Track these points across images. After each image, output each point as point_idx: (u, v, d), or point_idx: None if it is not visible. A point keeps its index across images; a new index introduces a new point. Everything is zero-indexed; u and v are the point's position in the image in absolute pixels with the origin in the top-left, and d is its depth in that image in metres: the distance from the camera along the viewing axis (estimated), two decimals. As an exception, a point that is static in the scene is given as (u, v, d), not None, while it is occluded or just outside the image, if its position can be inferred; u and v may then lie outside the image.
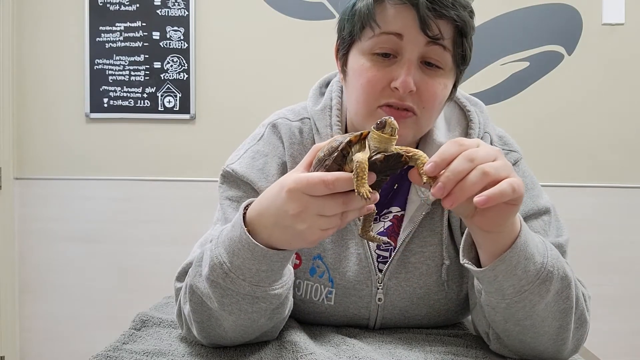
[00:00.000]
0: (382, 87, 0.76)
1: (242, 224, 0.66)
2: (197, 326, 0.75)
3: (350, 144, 0.59)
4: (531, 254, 0.67)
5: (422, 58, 0.76)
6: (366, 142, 0.59)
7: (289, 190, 0.60)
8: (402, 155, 0.58)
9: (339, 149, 0.59)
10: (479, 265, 0.70)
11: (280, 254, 0.66)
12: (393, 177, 0.88)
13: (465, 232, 0.71)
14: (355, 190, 0.56)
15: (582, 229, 2.21)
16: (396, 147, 0.58)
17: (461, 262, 0.71)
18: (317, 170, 0.61)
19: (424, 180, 0.58)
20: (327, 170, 0.59)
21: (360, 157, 0.56)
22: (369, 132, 0.59)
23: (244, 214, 0.67)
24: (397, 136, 0.58)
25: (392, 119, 0.57)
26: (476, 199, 0.58)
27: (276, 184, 0.63)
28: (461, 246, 0.72)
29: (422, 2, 0.72)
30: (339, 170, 0.59)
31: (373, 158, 0.57)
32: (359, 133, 0.59)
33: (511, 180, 0.59)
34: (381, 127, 0.57)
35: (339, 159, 0.59)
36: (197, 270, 0.72)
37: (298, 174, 0.61)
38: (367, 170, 0.56)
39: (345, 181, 0.57)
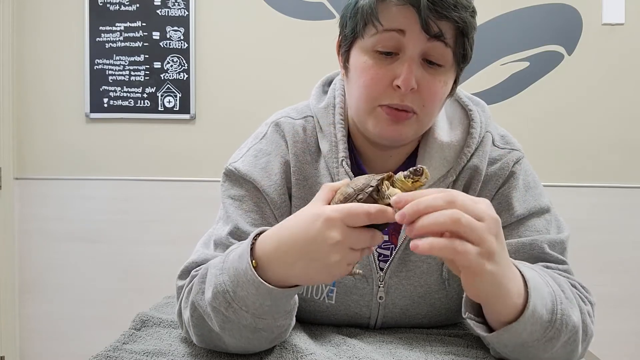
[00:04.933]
0: (384, 85, 0.76)
1: (249, 259, 0.64)
2: (197, 338, 0.75)
3: (382, 180, 0.61)
4: (539, 316, 0.65)
5: (424, 55, 0.76)
6: (393, 182, 0.62)
7: (328, 218, 0.59)
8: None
9: (372, 185, 0.61)
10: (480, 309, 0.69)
11: (286, 291, 0.64)
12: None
13: None
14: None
15: (582, 229, 2.21)
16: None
17: (463, 316, 0.70)
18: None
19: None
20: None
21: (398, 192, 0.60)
22: (391, 176, 0.62)
23: (252, 245, 0.65)
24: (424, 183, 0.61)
25: (427, 169, 0.60)
26: (411, 243, 0.57)
27: (307, 215, 0.62)
28: (463, 300, 0.71)
29: (424, 3, 0.71)
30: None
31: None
32: (386, 175, 0.62)
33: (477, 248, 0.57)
34: (419, 174, 0.60)
35: (375, 194, 0.61)
36: (201, 288, 0.71)
37: (333, 205, 0.60)
38: None
39: (385, 213, 0.58)
